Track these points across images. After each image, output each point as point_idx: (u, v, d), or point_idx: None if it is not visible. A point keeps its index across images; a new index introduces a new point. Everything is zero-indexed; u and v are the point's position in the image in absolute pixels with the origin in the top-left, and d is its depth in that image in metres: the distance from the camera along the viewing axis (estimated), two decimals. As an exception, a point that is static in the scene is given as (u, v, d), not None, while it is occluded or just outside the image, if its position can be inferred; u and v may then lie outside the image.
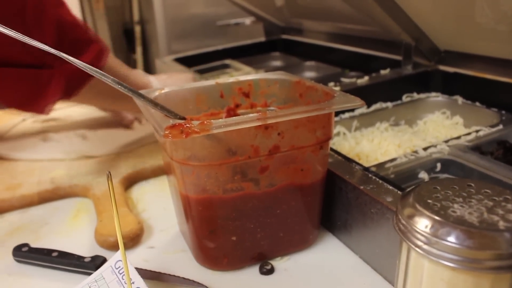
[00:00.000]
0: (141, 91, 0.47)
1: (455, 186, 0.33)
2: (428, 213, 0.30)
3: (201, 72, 1.27)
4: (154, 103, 0.44)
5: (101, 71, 0.41)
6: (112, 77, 0.41)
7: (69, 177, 0.77)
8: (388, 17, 0.84)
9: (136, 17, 2.78)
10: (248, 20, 1.61)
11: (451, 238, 0.29)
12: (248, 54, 1.41)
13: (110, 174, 0.34)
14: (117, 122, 1.01)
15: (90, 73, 0.41)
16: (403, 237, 0.32)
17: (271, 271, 0.52)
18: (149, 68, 2.87)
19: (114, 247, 0.58)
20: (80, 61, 0.40)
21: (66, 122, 1.07)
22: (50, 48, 0.39)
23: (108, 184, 0.34)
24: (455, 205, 0.31)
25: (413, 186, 0.34)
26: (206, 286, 0.49)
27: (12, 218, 0.69)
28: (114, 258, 0.46)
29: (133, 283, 0.42)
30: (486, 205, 0.31)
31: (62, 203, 0.72)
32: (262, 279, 0.51)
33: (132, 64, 3.01)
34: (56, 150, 0.89)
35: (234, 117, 0.42)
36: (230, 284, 0.51)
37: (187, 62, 1.28)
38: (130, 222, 0.61)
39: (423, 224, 0.30)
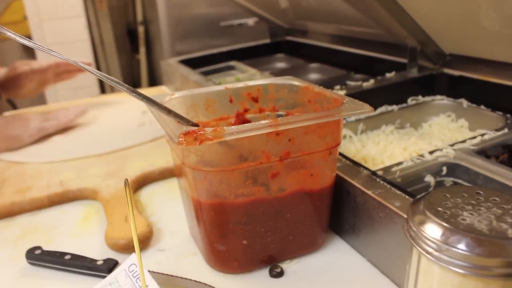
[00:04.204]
0: (153, 97, 0.48)
1: (464, 194, 0.34)
2: (438, 221, 0.31)
3: (206, 73, 1.28)
4: (167, 110, 0.45)
5: (116, 79, 0.42)
6: (127, 85, 0.42)
7: (78, 179, 0.78)
8: (393, 20, 0.84)
9: (139, 17, 2.79)
10: (251, 21, 1.62)
11: (461, 246, 0.29)
12: (253, 55, 1.42)
13: (128, 182, 0.35)
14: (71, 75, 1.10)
15: (105, 81, 0.42)
16: (414, 244, 0.32)
17: (280, 274, 0.53)
18: (153, 68, 2.88)
19: (124, 249, 0.59)
20: (94, 68, 0.40)
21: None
22: (62, 55, 0.40)
23: (126, 191, 0.35)
24: (465, 213, 0.32)
25: (423, 193, 0.35)
26: (217, 289, 0.50)
27: (23, 221, 0.70)
28: (128, 262, 0.47)
29: (147, 286, 0.43)
30: (495, 213, 0.31)
31: (72, 206, 0.73)
32: (272, 282, 0.52)
33: (135, 64, 3.02)
34: (63, 152, 0.91)
35: (246, 124, 0.43)
36: (240, 287, 0.52)
37: (192, 64, 1.28)
38: (139, 224, 0.62)
39: (433, 231, 0.31)
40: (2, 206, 0.71)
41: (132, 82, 3.11)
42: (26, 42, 0.37)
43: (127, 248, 0.59)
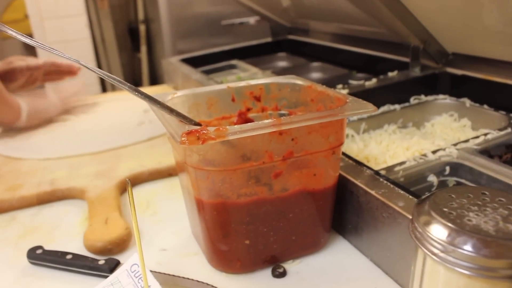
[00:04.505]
0: (155, 96, 0.47)
1: (470, 195, 0.34)
2: (444, 222, 0.31)
3: (208, 72, 1.27)
4: (169, 109, 0.45)
5: (118, 78, 0.42)
6: (129, 84, 0.42)
7: (69, 178, 0.78)
8: (396, 19, 0.84)
9: (141, 16, 2.79)
10: (252, 20, 1.61)
11: (467, 247, 0.29)
12: (255, 54, 1.41)
13: (130, 182, 0.35)
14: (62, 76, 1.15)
15: (107, 79, 0.42)
16: (419, 245, 0.32)
17: (283, 274, 0.52)
18: (154, 67, 2.88)
19: (101, 252, 0.59)
20: (99, 69, 0.40)
21: (72, 121, 1.09)
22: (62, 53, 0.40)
23: (128, 191, 0.35)
24: (471, 214, 0.31)
25: (428, 194, 0.35)
26: (220, 289, 0.50)
27: (24, 219, 0.69)
28: (130, 262, 0.46)
29: (149, 286, 0.43)
30: (501, 214, 0.31)
31: (73, 205, 0.73)
32: (275, 282, 0.52)
33: (136, 62, 3.02)
34: (60, 148, 0.91)
35: (249, 123, 0.43)
36: (243, 287, 0.51)
37: (194, 62, 1.28)
38: (118, 227, 0.61)
39: (439, 232, 0.31)
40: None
41: (133, 80, 3.10)
42: (27, 40, 0.37)
43: (104, 251, 0.59)
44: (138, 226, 0.37)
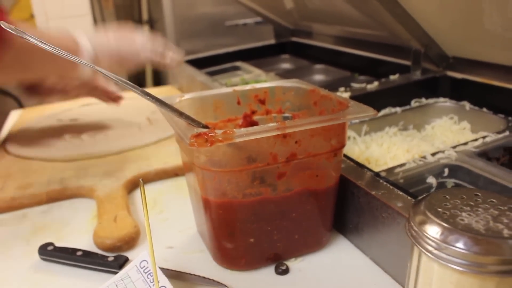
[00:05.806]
0: (164, 99, 0.49)
1: (463, 196, 0.36)
2: (438, 221, 0.33)
3: (212, 74, 1.29)
4: (179, 112, 0.47)
5: (131, 82, 0.44)
6: (141, 88, 0.44)
7: (78, 177, 0.80)
8: (397, 23, 0.86)
9: (145, 16, 2.81)
10: (255, 21, 1.63)
11: (459, 244, 0.31)
12: (258, 56, 1.43)
13: (142, 182, 0.37)
14: (104, 98, 1.05)
15: (119, 83, 0.44)
16: (415, 242, 0.34)
17: (286, 271, 0.54)
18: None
19: (110, 249, 0.61)
20: (112, 73, 0.42)
21: (83, 122, 1.10)
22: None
23: (141, 190, 0.37)
24: (463, 214, 0.33)
25: (424, 195, 0.37)
26: (225, 286, 0.52)
27: (35, 217, 0.71)
28: (139, 258, 0.48)
29: (159, 281, 0.45)
30: (492, 214, 0.33)
31: (83, 203, 0.75)
32: (278, 279, 0.54)
33: (140, 62, 3.03)
34: (68, 151, 0.92)
35: (255, 126, 0.45)
36: (247, 283, 0.53)
37: (198, 64, 1.30)
38: (127, 225, 0.63)
39: (433, 230, 0.33)
40: (3, 201, 0.74)
41: (137, 81, 3.12)
42: (47, 47, 0.39)
43: (113, 248, 0.60)
44: (149, 225, 0.39)
